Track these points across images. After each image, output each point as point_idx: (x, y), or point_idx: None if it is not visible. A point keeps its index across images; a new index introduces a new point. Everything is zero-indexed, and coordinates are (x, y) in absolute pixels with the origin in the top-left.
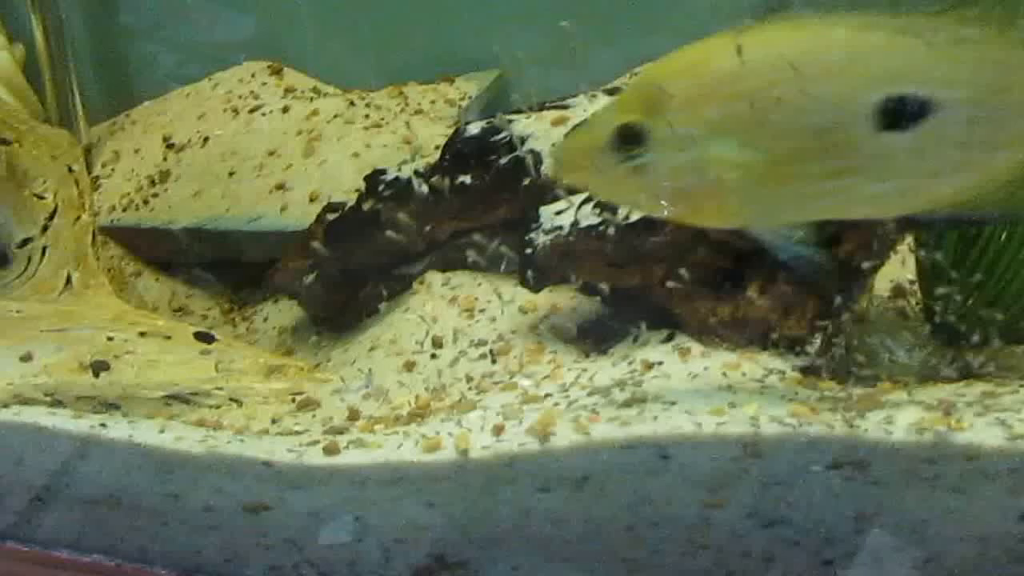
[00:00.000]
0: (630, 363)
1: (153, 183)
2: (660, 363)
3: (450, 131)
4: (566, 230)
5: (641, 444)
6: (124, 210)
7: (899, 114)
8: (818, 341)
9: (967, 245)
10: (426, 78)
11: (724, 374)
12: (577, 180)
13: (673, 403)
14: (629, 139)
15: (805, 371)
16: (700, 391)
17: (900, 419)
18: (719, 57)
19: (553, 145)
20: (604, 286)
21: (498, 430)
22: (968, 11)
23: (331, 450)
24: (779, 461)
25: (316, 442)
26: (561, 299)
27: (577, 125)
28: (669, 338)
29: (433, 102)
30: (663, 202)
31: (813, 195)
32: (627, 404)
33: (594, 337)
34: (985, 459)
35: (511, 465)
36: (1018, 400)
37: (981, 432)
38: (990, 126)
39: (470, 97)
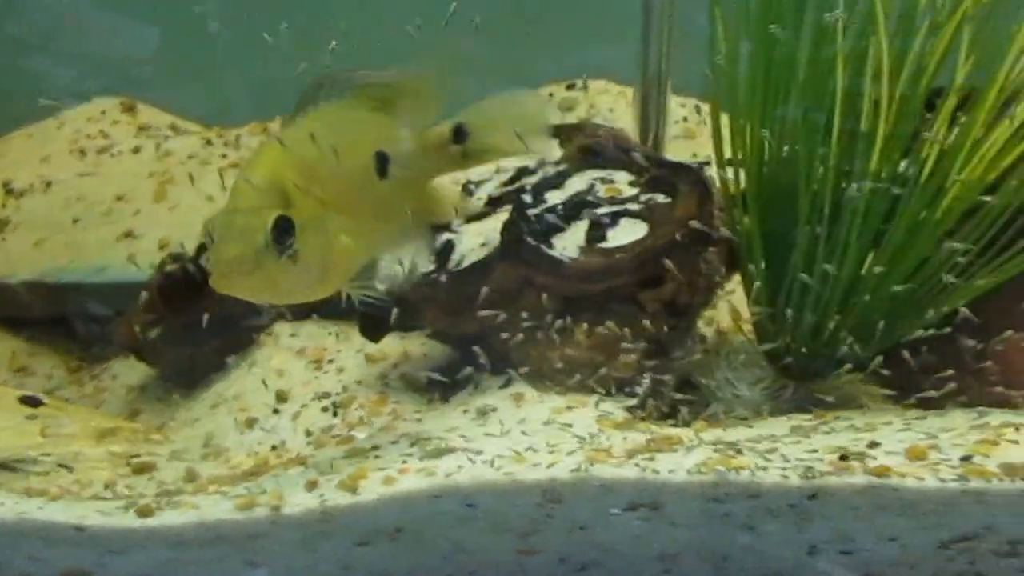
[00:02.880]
0: (465, 411)
1: None
2: (495, 409)
3: None
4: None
5: (446, 493)
6: None
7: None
8: (647, 382)
9: (777, 282)
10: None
11: (547, 419)
12: (243, 288)
13: (480, 451)
14: (283, 231)
15: (634, 411)
16: (513, 438)
17: (688, 460)
18: (302, 148)
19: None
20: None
21: (311, 485)
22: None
23: (144, 512)
24: (579, 505)
25: (131, 504)
26: (413, 346)
27: (218, 240)
28: (507, 384)
29: None
30: (309, 283)
31: (372, 236)
32: (436, 454)
33: (441, 385)
34: (766, 496)
35: (325, 520)
36: (825, 432)
37: (762, 470)
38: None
39: None
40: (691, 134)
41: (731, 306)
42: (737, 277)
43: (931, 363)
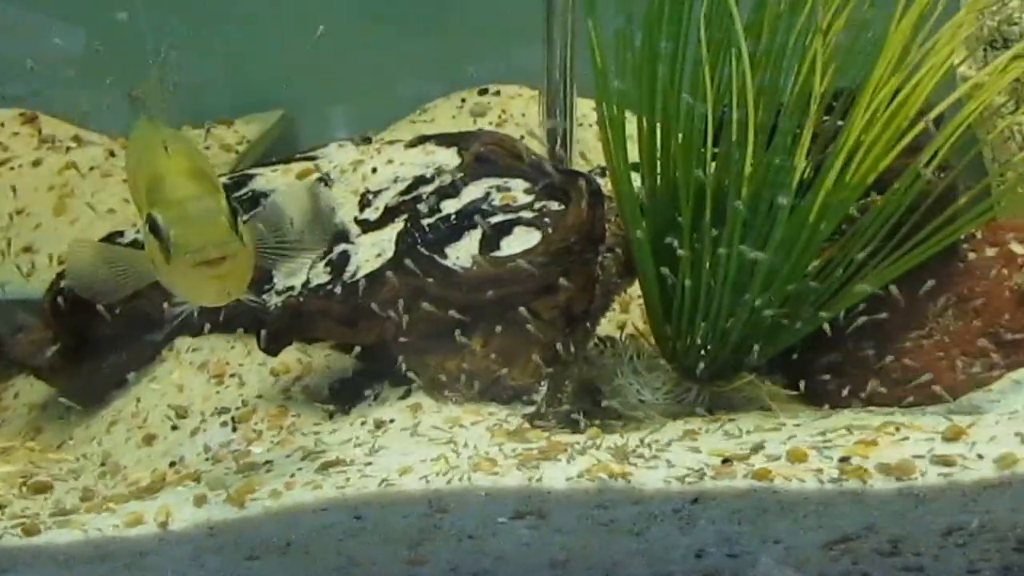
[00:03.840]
0: (363, 423)
1: None
2: (392, 421)
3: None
4: (297, 290)
5: (332, 506)
6: None
7: None
8: (544, 389)
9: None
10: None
11: (440, 430)
12: (220, 274)
13: (369, 463)
14: (235, 213)
15: (531, 419)
16: (404, 449)
17: (573, 468)
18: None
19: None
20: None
21: (199, 500)
22: None
23: (30, 531)
24: (466, 515)
25: (20, 524)
26: (316, 358)
27: (184, 228)
28: (406, 395)
29: (207, 148)
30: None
31: None
32: (324, 468)
33: (343, 397)
34: (648, 502)
35: (213, 535)
36: (715, 435)
37: (643, 475)
38: None
39: (248, 141)
40: None
41: (643, 310)
42: None
43: (835, 363)
